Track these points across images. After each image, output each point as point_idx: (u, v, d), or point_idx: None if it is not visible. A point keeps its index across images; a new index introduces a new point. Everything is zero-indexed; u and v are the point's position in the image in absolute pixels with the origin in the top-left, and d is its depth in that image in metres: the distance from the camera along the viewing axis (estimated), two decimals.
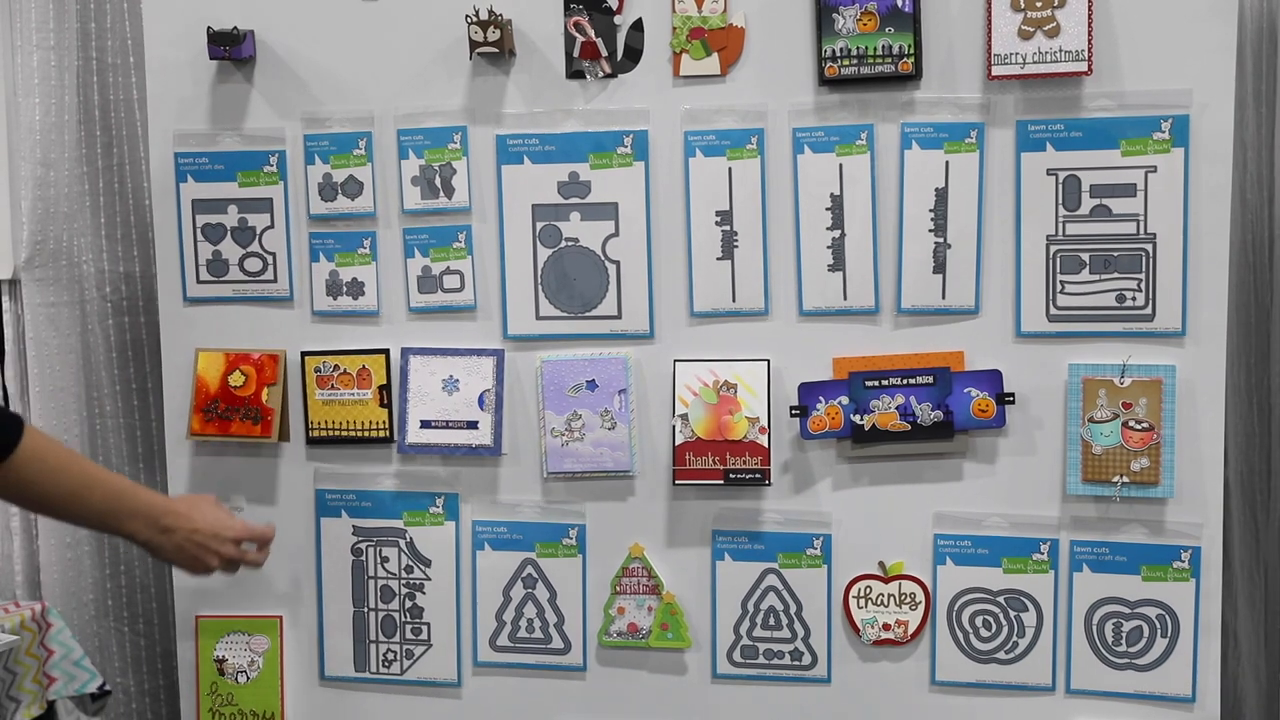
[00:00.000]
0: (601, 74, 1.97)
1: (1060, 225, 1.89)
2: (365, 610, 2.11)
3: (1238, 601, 2.06)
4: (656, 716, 2.06)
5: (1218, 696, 1.94)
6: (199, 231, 2.08)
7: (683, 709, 2.05)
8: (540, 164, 1.99)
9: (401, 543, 2.09)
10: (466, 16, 1.92)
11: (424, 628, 2.10)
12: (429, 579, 2.09)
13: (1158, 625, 1.93)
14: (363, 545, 2.10)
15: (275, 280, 2.07)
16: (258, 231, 2.07)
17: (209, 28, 2.00)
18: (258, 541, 1.80)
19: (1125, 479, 1.88)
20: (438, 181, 2.01)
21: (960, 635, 1.97)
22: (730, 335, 1.98)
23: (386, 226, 2.04)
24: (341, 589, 2.12)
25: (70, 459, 1.64)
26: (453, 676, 2.10)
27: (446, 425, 2.03)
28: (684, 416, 1.97)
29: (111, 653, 2.39)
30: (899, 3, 1.87)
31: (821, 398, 1.93)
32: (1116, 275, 1.88)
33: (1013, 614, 1.96)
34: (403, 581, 2.10)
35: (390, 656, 2.11)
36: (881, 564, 1.98)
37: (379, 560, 2.10)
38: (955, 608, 1.97)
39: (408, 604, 2.09)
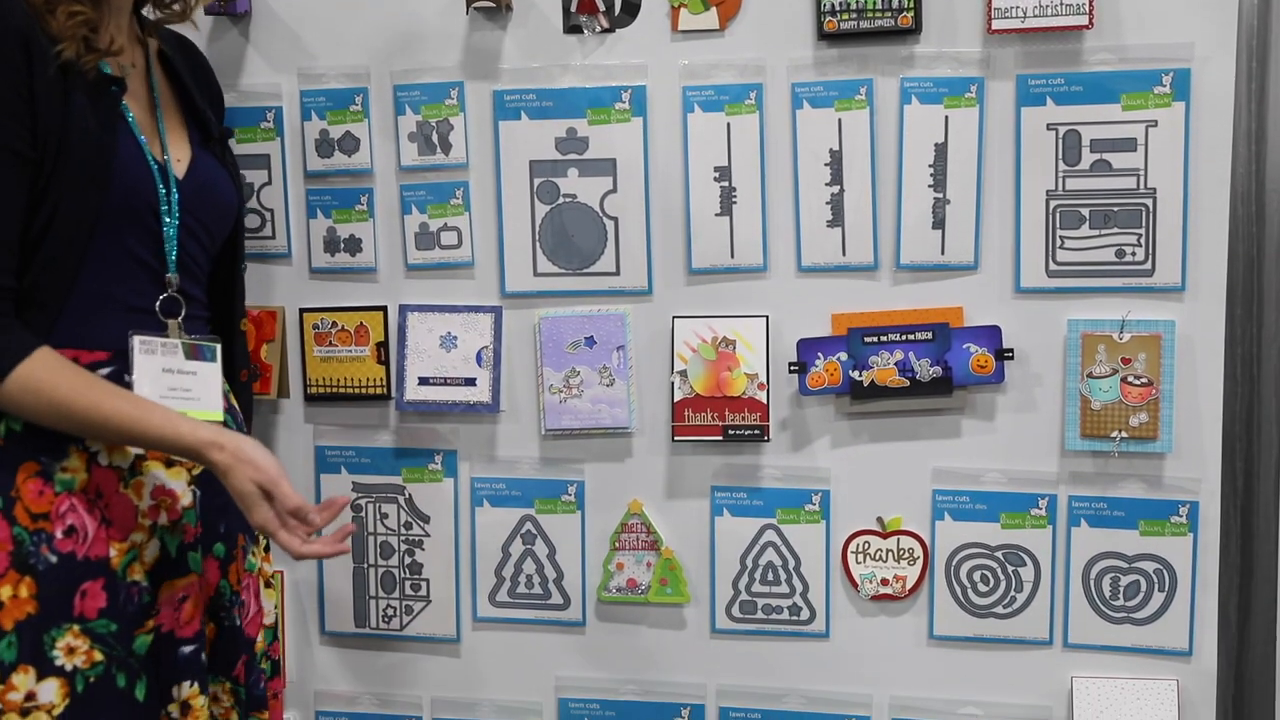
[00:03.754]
0: (599, 29, 1.95)
1: (1060, 180, 1.88)
2: (365, 566, 2.12)
3: (1231, 549, 2.07)
4: (655, 671, 2.07)
5: (1214, 649, 1.95)
6: None
7: (681, 663, 2.06)
8: (537, 120, 1.98)
9: (401, 499, 2.10)
10: None
11: (423, 584, 2.10)
12: (428, 535, 2.10)
13: (1155, 579, 1.93)
14: (362, 501, 2.10)
15: (273, 237, 2.07)
16: (255, 188, 2.06)
17: None
18: (279, 544, 1.63)
19: (1124, 434, 1.88)
20: (435, 137, 2.00)
21: (958, 590, 1.98)
22: (729, 292, 1.98)
23: (384, 183, 2.04)
24: None
25: (81, 394, 1.53)
26: (452, 632, 2.11)
27: (445, 382, 2.03)
28: (682, 373, 1.97)
29: None
30: None
31: (820, 354, 1.93)
32: (1116, 230, 1.88)
33: (1011, 569, 1.96)
34: (402, 538, 2.10)
35: (390, 612, 2.12)
36: (880, 519, 1.99)
37: (378, 516, 2.10)
38: (953, 563, 1.97)
39: (407, 560, 2.10)
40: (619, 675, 2.09)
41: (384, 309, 2.05)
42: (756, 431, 1.96)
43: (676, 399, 1.98)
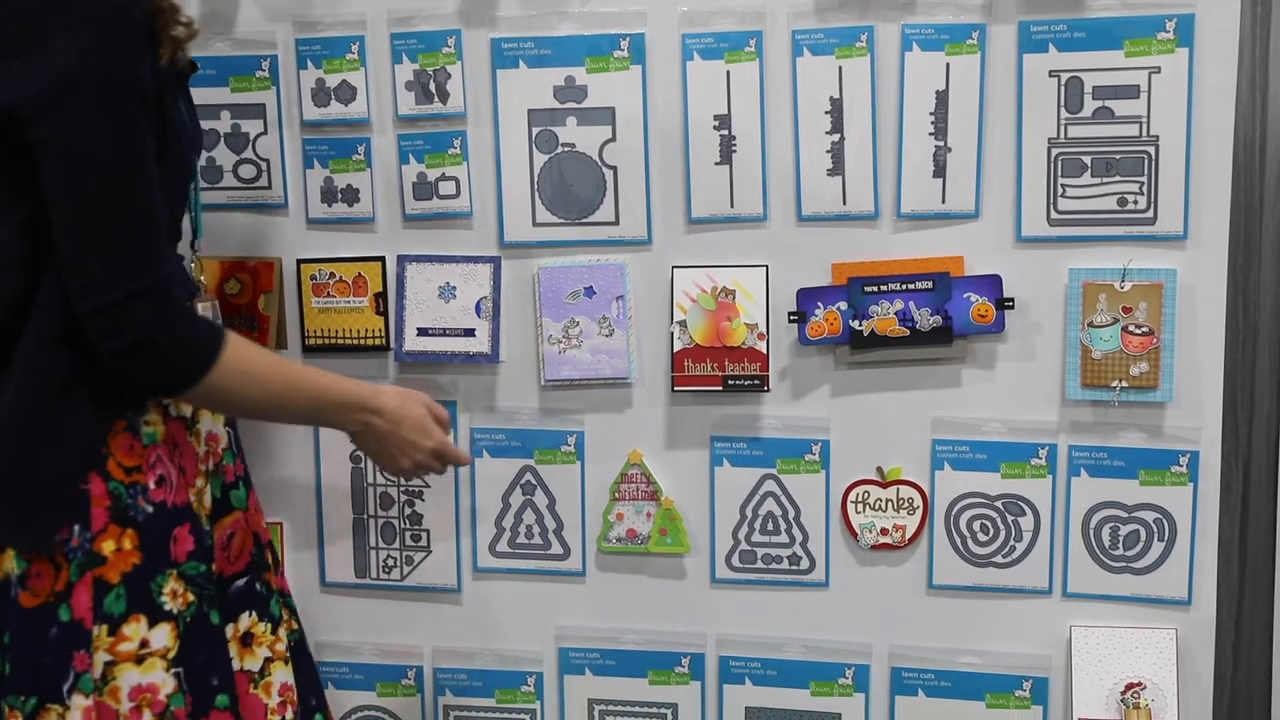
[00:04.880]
0: None
1: (1062, 128, 1.87)
2: (365, 517, 2.12)
3: (1231, 499, 2.07)
4: (656, 620, 2.08)
5: (1214, 599, 1.95)
6: None
7: (682, 613, 2.07)
8: (536, 68, 1.97)
9: None
10: None
11: (423, 534, 2.11)
12: (428, 486, 2.09)
13: (1155, 529, 1.93)
14: (361, 452, 2.09)
15: (270, 187, 2.05)
16: (251, 138, 2.05)
17: None
18: (449, 459, 1.83)
19: (1124, 383, 1.88)
20: (432, 86, 1.99)
21: (958, 539, 1.98)
22: (728, 241, 1.97)
23: (381, 132, 2.02)
24: (341, 496, 2.12)
25: (272, 367, 1.63)
26: (452, 582, 2.11)
27: (444, 333, 2.02)
28: (682, 323, 1.96)
29: None
30: None
31: (820, 303, 1.92)
32: (1118, 178, 1.87)
33: (1010, 518, 1.96)
34: (402, 489, 2.10)
35: (390, 563, 2.12)
36: (879, 469, 1.99)
37: (377, 468, 2.09)
38: (953, 512, 1.98)
39: (407, 511, 2.10)
40: (619, 625, 2.09)
41: (382, 259, 2.04)
42: (756, 381, 1.96)
43: (676, 349, 1.97)
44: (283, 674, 1.77)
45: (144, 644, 1.54)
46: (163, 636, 1.56)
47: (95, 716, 1.50)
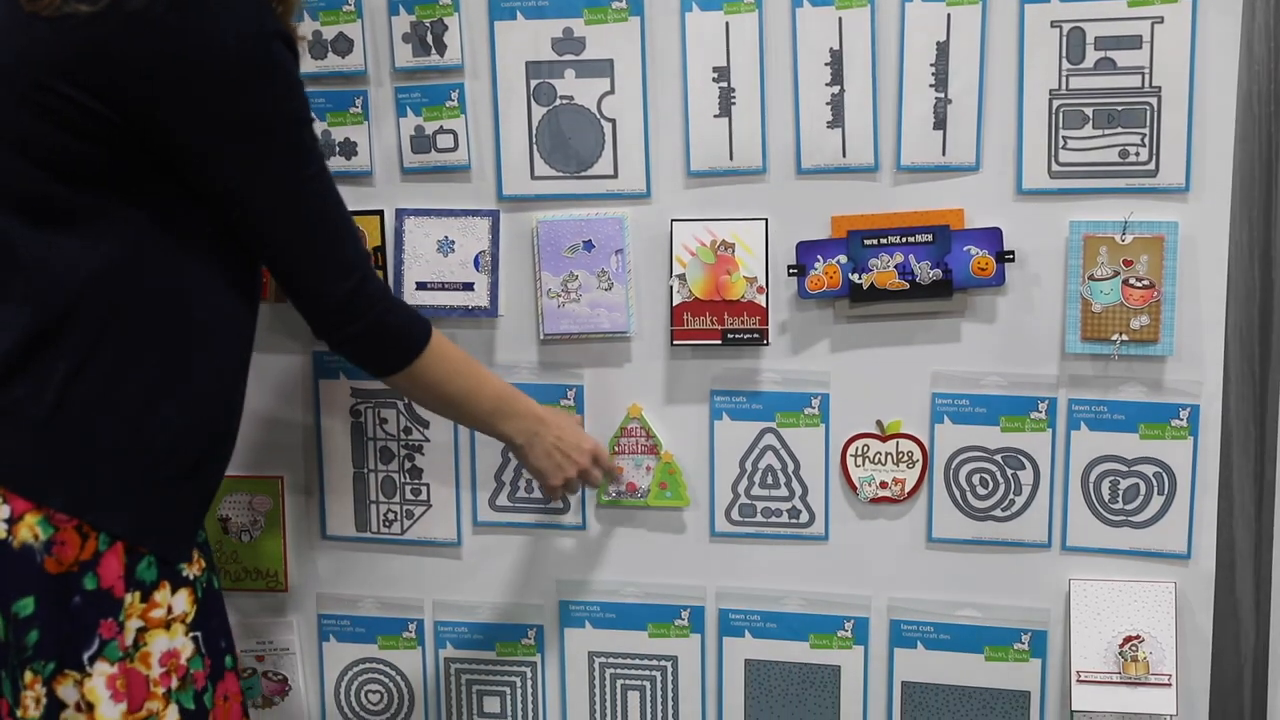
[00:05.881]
0: None
1: (1063, 79, 1.85)
2: (365, 471, 2.12)
3: (1233, 453, 2.06)
4: (655, 574, 2.08)
5: (1213, 553, 1.95)
6: None
7: (681, 566, 2.07)
8: (534, 19, 1.95)
9: (400, 404, 2.09)
10: None
11: (423, 488, 2.11)
12: (428, 440, 2.10)
13: (1154, 483, 1.93)
14: (361, 407, 2.10)
15: None
16: None
17: None
18: (603, 469, 1.96)
19: (1124, 337, 1.87)
20: (429, 38, 1.97)
21: (957, 493, 1.98)
22: (727, 194, 1.96)
23: (378, 85, 2.01)
24: (341, 450, 2.13)
25: (466, 359, 1.79)
26: (453, 536, 2.12)
27: (442, 287, 2.02)
28: (681, 276, 1.96)
29: None
30: None
31: (819, 256, 1.92)
32: (1120, 130, 1.85)
33: (1010, 472, 1.96)
34: (402, 443, 2.10)
35: (390, 517, 2.13)
36: (879, 422, 1.98)
37: (378, 422, 2.10)
38: (952, 466, 1.97)
39: (407, 465, 2.10)
40: (619, 578, 2.10)
41: (380, 213, 2.03)
42: (755, 335, 1.96)
43: (675, 303, 1.97)
44: None
45: (169, 610, 1.57)
46: (182, 602, 1.59)
47: (124, 683, 1.51)
